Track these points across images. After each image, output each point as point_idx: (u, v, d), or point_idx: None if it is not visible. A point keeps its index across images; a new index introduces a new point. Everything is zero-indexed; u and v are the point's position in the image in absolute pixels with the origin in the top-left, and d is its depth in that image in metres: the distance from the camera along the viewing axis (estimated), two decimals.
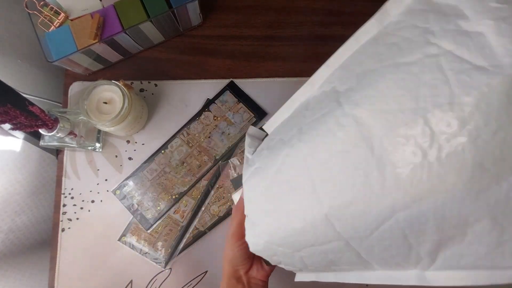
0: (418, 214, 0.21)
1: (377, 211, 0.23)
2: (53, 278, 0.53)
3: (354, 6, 0.61)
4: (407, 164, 0.21)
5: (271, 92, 0.57)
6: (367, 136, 0.22)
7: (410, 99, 0.20)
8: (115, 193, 0.55)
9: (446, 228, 0.21)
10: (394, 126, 0.21)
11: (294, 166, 0.28)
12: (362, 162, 0.23)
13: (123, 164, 0.55)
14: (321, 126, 0.26)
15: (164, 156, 0.55)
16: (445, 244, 0.22)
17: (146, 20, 0.50)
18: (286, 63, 0.59)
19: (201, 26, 0.60)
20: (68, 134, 0.50)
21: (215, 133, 0.56)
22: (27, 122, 0.44)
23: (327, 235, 0.27)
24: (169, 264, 0.53)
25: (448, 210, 0.20)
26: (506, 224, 0.19)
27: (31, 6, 0.49)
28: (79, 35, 0.50)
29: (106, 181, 0.55)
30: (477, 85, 0.17)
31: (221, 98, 0.57)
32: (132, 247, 0.53)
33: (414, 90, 0.20)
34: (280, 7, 0.61)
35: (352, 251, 0.27)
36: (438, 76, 0.19)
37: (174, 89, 0.57)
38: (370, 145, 0.22)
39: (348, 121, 0.24)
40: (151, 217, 0.54)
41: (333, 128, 0.25)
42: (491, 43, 0.17)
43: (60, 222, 0.54)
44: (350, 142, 0.24)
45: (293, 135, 0.30)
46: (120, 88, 0.48)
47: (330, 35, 0.60)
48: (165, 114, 0.57)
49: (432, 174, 0.20)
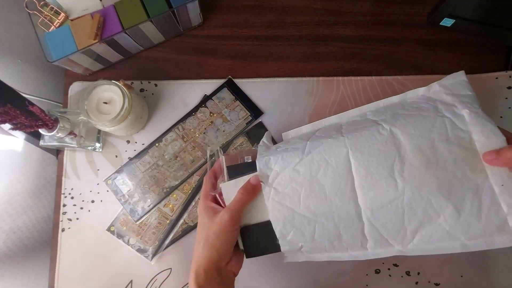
0: (417, 198, 0.35)
1: (393, 190, 0.35)
2: (53, 278, 0.53)
3: (354, 6, 0.61)
4: (419, 163, 0.35)
5: (271, 92, 0.57)
6: (397, 144, 0.36)
7: (427, 131, 0.36)
8: (107, 183, 0.55)
9: (429, 211, 0.34)
10: (416, 143, 0.36)
11: (335, 149, 0.38)
12: (390, 157, 0.36)
13: (123, 164, 0.55)
14: (363, 131, 0.38)
15: (158, 149, 0.56)
16: (423, 224, 0.35)
17: (146, 20, 0.50)
18: (286, 63, 0.59)
19: (201, 26, 0.60)
20: (68, 134, 0.51)
21: (210, 129, 0.56)
22: (27, 122, 0.44)
23: (349, 205, 0.37)
24: (156, 257, 0.53)
25: (433, 199, 0.34)
26: (463, 213, 0.34)
27: (31, 6, 0.49)
28: (79, 35, 0.50)
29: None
30: (460, 136, 0.35)
31: (219, 95, 0.57)
32: (120, 237, 0.53)
33: (430, 127, 0.36)
34: (280, 7, 0.61)
35: (359, 225, 0.37)
36: (443, 126, 0.36)
37: (174, 89, 0.57)
38: (398, 149, 0.36)
39: (385, 132, 0.37)
40: (140, 209, 0.54)
41: (375, 133, 0.37)
42: (466, 119, 0.35)
43: (60, 222, 0.54)
44: (385, 144, 0.36)
45: (333, 133, 0.40)
46: (120, 88, 0.48)
47: (330, 35, 0.60)
48: (165, 114, 0.57)
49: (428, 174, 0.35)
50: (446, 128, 0.35)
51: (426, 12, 0.59)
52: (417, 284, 0.52)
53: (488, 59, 0.58)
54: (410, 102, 0.41)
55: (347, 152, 0.37)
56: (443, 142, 0.35)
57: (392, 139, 0.36)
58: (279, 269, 0.53)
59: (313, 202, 0.39)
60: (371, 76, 0.57)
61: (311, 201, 0.39)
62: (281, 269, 0.53)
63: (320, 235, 0.39)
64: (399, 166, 0.35)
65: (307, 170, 0.39)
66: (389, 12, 0.61)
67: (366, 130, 0.38)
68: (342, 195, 0.37)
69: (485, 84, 0.57)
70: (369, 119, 0.41)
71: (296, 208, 0.39)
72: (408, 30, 0.60)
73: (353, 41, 0.60)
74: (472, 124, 0.34)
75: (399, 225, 0.36)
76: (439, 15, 0.54)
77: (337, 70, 0.59)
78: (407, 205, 0.35)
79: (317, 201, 0.39)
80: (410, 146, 0.35)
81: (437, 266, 0.52)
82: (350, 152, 0.37)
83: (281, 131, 0.55)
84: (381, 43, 0.59)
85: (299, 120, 0.56)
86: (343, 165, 0.37)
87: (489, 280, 0.52)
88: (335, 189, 0.38)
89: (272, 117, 0.56)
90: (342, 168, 0.37)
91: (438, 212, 0.34)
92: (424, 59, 0.59)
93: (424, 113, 0.38)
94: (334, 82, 0.57)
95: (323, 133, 0.42)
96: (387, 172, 0.36)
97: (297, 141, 0.43)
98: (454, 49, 0.59)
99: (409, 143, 0.36)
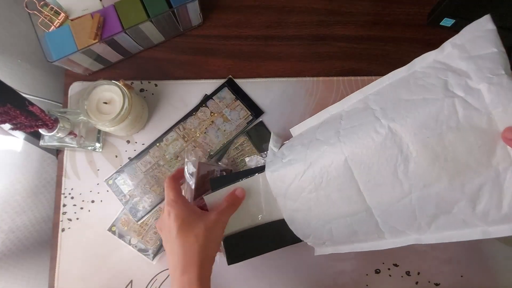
0: (426, 195, 0.33)
1: (400, 190, 0.34)
2: (53, 278, 0.53)
3: (354, 6, 0.61)
4: (425, 161, 0.32)
5: (271, 92, 0.57)
6: (398, 142, 0.33)
7: (432, 121, 0.31)
8: (107, 183, 0.55)
9: (441, 205, 0.33)
10: (419, 137, 0.31)
11: (333, 158, 0.37)
12: (392, 158, 0.33)
13: (123, 164, 0.55)
14: (360, 132, 0.35)
15: (158, 149, 0.56)
16: (438, 216, 0.34)
17: (146, 20, 0.50)
18: (286, 63, 0.59)
19: (201, 26, 0.60)
20: (68, 134, 0.50)
21: (211, 129, 0.56)
22: (27, 122, 0.44)
23: (358, 207, 0.37)
24: (157, 257, 0.53)
25: (444, 194, 0.32)
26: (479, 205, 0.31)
27: (31, 6, 0.49)
28: (79, 35, 0.50)
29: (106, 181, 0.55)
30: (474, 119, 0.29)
31: (219, 95, 0.57)
32: (122, 237, 0.53)
33: (435, 116, 0.30)
34: (280, 7, 0.61)
35: (372, 221, 0.37)
36: (452, 110, 0.30)
37: (174, 89, 0.57)
38: (400, 147, 0.33)
39: (384, 130, 0.33)
40: (142, 209, 0.54)
41: (371, 133, 0.34)
42: (484, 96, 0.28)
43: (60, 222, 0.54)
44: (384, 145, 0.33)
45: (331, 136, 0.39)
46: (120, 88, 0.48)
47: (330, 35, 0.60)
48: (165, 114, 0.57)
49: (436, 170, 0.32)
50: (457, 112, 0.29)
51: (426, 12, 0.60)
52: (417, 284, 0.52)
53: None
54: (417, 77, 0.35)
55: (345, 160, 0.36)
56: (453, 130, 0.30)
57: (392, 136, 0.33)
58: (279, 269, 0.53)
59: (323, 209, 0.40)
60: (371, 76, 0.57)
61: (320, 209, 0.41)
62: (281, 269, 0.53)
63: (337, 234, 0.41)
64: (403, 166, 0.33)
65: (311, 182, 0.40)
66: (389, 12, 0.61)
67: (364, 128, 0.35)
68: (348, 200, 0.38)
69: None
70: (370, 108, 0.37)
71: (309, 215, 0.42)
72: (408, 30, 0.60)
73: (353, 41, 0.60)
74: (492, 101, 0.28)
75: (412, 219, 0.35)
76: (439, 15, 0.54)
77: (337, 70, 0.59)
78: (417, 203, 0.34)
79: (326, 208, 0.40)
80: (413, 142, 0.32)
81: (437, 266, 0.52)
82: (348, 160, 0.36)
83: (281, 130, 0.55)
84: (381, 43, 0.59)
85: (300, 120, 0.56)
86: (343, 173, 0.37)
87: (489, 280, 0.52)
88: (341, 196, 0.38)
89: (273, 116, 0.56)
90: (343, 176, 0.37)
91: (452, 205, 0.32)
92: None
93: (430, 95, 0.32)
94: (334, 82, 0.57)
95: (322, 135, 0.41)
96: (390, 173, 0.34)
97: (299, 148, 0.43)
98: None
99: (411, 139, 0.32)
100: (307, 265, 0.52)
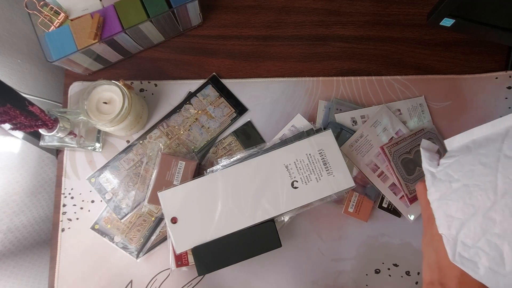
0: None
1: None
2: (53, 278, 0.53)
3: (353, 6, 0.61)
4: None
5: (271, 92, 0.57)
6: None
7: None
8: (90, 180, 0.55)
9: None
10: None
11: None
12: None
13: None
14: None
15: (142, 147, 0.56)
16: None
17: (146, 20, 0.50)
18: (286, 63, 0.59)
19: (201, 26, 0.60)
20: (68, 134, 0.50)
21: (195, 126, 0.56)
22: (27, 122, 0.44)
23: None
24: (141, 255, 0.53)
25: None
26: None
27: (31, 6, 0.49)
28: (79, 35, 0.50)
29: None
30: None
31: (203, 92, 0.57)
32: (104, 235, 0.53)
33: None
34: (280, 7, 0.61)
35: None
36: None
37: (174, 89, 0.57)
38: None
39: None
40: (125, 207, 0.54)
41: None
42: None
43: (60, 222, 0.54)
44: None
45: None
46: (120, 88, 0.48)
47: (329, 35, 0.60)
48: (165, 114, 0.57)
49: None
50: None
51: (426, 12, 0.59)
52: (417, 284, 0.52)
53: (488, 59, 0.58)
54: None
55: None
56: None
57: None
58: (279, 269, 0.53)
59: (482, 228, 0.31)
60: (371, 76, 0.57)
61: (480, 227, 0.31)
62: (281, 269, 0.53)
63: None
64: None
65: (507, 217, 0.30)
66: (388, 12, 0.61)
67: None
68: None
69: (485, 84, 0.57)
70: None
71: (500, 269, 0.30)
72: (408, 30, 0.60)
73: (353, 41, 0.60)
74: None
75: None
76: (439, 15, 0.54)
77: (336, 70, 0.59)
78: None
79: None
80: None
81: None
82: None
83: (276, 130, 0.55)
84: (381, 43, 0.59)
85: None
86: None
87: None
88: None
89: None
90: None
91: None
92: (424, 59, 0.59)
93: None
94: (334, 82, 0.57)
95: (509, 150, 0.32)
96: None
97: (479, 169, 0.33)
98: (454, 49, 0.59)
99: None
100: (307, 265, 0.53)
